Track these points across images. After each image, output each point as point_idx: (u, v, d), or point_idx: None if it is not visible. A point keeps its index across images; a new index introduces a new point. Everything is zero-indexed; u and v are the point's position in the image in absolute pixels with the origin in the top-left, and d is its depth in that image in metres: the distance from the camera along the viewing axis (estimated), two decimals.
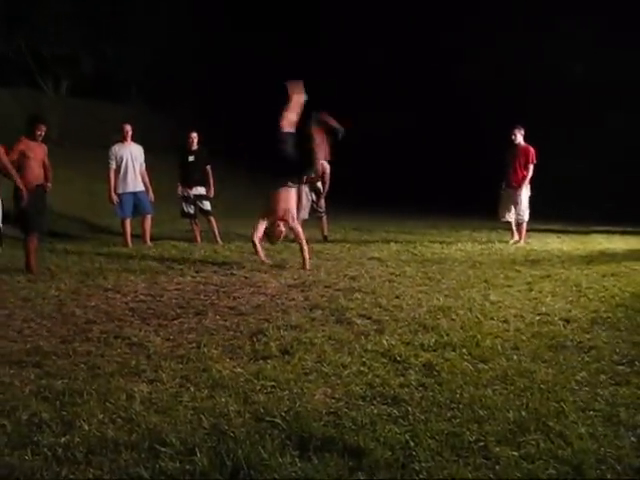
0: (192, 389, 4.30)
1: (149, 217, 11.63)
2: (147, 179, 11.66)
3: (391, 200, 20.01)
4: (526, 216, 12.46)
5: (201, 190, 12.19)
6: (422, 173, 22.88)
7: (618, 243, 12.44)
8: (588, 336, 5.63)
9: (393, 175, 23.14)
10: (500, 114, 17.83)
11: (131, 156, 11.46)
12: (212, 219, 12.17)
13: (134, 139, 11.66)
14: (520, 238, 12.50)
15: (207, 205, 12.24)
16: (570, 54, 20.68)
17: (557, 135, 19.26)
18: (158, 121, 22.73)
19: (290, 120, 9.09)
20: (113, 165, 11.38)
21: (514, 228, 12.62)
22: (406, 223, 16.04)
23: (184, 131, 12.62)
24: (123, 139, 11.53)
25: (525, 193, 12.45)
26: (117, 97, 23.78)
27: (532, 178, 12.38)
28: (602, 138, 19.49)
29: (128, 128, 11.55)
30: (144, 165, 11.64)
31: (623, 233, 13.92)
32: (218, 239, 11.99)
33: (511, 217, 12.57)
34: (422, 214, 17.85)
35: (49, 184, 9.12)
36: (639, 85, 19.25)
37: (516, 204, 12.42)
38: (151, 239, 11.61)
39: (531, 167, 12.29)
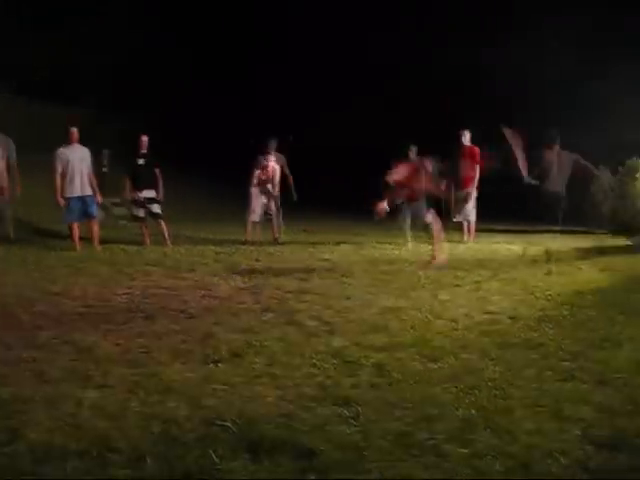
0: (142, 394, 4.24)
1: (96, 221, 11.47)
2: (95, 182, 11.50)
3: (343, 202, 20.09)
4: (473, 216, 12.65)
5: (151, 193, 12.10)
6: (375, 174, 23.00)
7: (563, 242, 12.68)
8: (535, 334, 5.74)
9: (346, 177, 23.23)
10: (446, 116, 18.04)
11: (78, 159, 11.28)
12: (162, 222, 12.08)
13: (81, 142, 11.48)
14: (470, 238, 12.68)
15: (157, 208, 12.17)
16: (515, 56, 20.94)
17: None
18: (111, 124, 22.42)
19: None
20: (59, 169, 11.20)
21: (465, 229, 12.79)
22: (357, 225, 16.10)
23: (136, 134, 12.49)
24: (69, 142, 11.35)
25: (473, 194, 12.65)
26: (69, 100, 23.37)
27: (479, 179, 12.57)
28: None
29: (74, 131, 11.38)
30: (91, 168, 11.47)
31: (568, 232, 14.19)
32: (168, 242, 11.89)
33: (461, 217, 12.74)
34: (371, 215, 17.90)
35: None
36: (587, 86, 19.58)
37: (464, 205, 12.60)
38: (100, 242, 11.44)
39: (477, 167, 12.49)
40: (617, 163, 13.14)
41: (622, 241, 13.29)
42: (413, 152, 12.62)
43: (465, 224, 12.76)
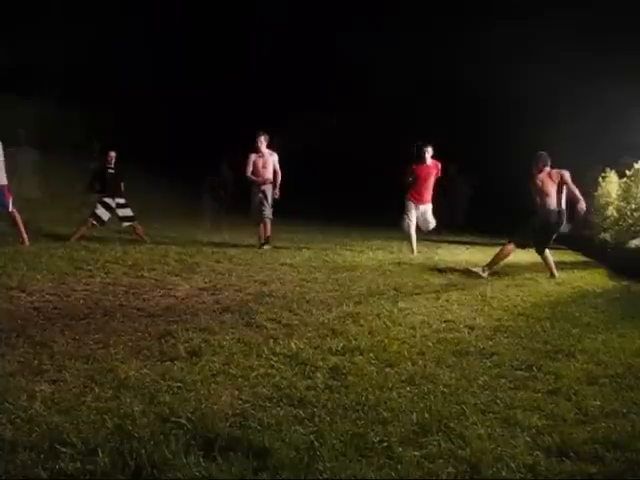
0: (96, 389, 4.21)
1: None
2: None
3: (305, 207, 20.13)
4: (432, 226, 12.79)
5: (121, 200, 12.16)
6: (338, 182, 23.14)
7: (521, 255, 12.83)
8: (490, 343, 5.81)
9: (310, 183, 23.27)
10: (409, 127, 18.17)
11: None
12: (135, 223, 12.20)
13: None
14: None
15: (128, 212, 12.21)
16: (474, 71, 21.14)
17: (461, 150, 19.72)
18: (71, 119, 22.16)
19: None
20: None
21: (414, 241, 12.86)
22: (320, 230, 16.17)
23: (97, 130, 12.47)
24: None
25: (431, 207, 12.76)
26: (26, 94, 23.03)
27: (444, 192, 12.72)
28: (499, 154, 19.96)
29: None
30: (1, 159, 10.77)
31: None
32: (145, 237, 12.24)
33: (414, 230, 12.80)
34: (337, 222, 18.01)
35: None
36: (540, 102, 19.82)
37: (424, 217, 12.70)
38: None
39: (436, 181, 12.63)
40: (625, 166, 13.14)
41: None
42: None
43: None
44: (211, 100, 26.12)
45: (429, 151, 12.68)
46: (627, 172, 12.84)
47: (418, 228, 12.95)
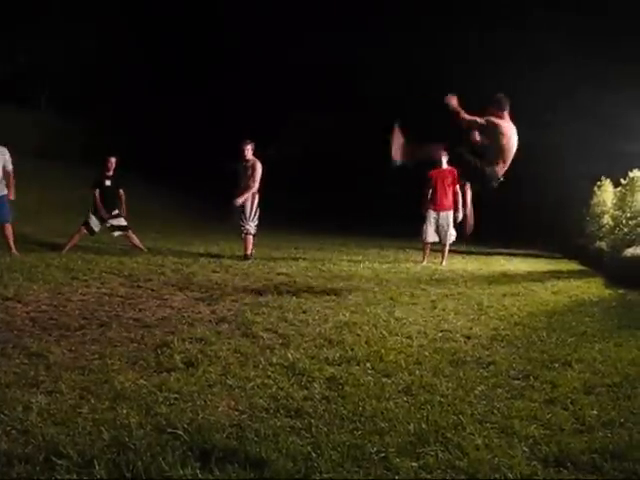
0: (93, 401, 4.19)
1: (9, 225, 10.95)
2: (11, 180, 10.85)
3: (301, 217, 20.17)
4: (452, 239, 12.76)
5: (114, 211, 12.14)
6: (335, 192, 23.16)
7: (518, 265, 12.89)
8: (487, 352, 5.81)
9: (304, 192, 23.31)
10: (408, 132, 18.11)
11: None
12: (130, 233, 12.19)
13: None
14: (443, 259, 12.79)
15: (122, 221, 12.20)
16: (463, 71, 21.17)
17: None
18: (70, 128, 22.18)
19: None
20: None
21: (427, 250, 12.87)
22: (316, 240, 16.17)
23: (97, 139, 12.50)
24: None
25: (455, 217, 12.71)
26: (25, 102, 23.05)
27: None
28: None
29: None
30: (11, 167, 10.85)
31: (524, 256, 14.46)
32: (142, 247, 12.28)
33: (434, 238, 12.79)
34: (332, 231, 18.02)
35: None
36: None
37: (444, 226, 12.68)
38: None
39: (457, 188, 12.58)
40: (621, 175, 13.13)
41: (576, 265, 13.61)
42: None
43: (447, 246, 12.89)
44: (207, 104, 26.19)
45: (445, 155, 12.70)
46: (622, 181, 12.89)
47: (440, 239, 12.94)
